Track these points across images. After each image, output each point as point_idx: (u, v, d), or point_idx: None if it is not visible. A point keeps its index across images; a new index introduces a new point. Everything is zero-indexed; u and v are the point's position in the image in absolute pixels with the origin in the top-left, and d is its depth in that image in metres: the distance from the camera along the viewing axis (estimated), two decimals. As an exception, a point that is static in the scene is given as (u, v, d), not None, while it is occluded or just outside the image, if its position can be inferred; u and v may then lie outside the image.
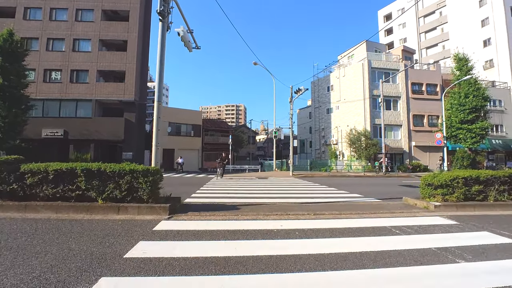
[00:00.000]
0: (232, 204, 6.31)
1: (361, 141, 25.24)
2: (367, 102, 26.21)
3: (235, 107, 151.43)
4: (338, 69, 30.13)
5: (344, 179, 16.70)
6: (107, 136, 23.28)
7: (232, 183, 12.74)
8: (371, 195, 8.76)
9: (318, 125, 32.41)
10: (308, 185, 12.35)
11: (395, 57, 28.38)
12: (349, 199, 7.58)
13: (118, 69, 24.17)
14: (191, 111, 28.55)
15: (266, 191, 9.40)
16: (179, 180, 14.92)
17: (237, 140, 36.45)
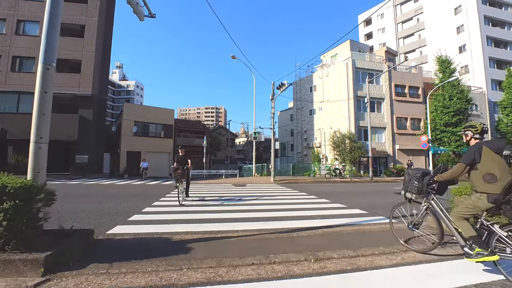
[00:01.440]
0: (181, 239, 3.94)
1: (346, 144, 23.89)
2: (351, 103, 25.02)
3: (215, 109, 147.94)
4: (321, 69, 28.85)
5: (331, 186, 14.89)
6: (57, 136, 19.55)
7: (202, 193, 10.30)
8: (375, 209, 6.83)
9: (300, 127, 30.83)
10: (293, 195, 10.26)
11: (379, 58, 27.68)
12: (354, 220, 5.53)
13: (72, 57, 20.71)
14: (161, 109, 25.53)
15: (242, 206, 7.12)
16: (136, 189, 12.15)
17: (215, 143, 33.85)
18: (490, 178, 2.62)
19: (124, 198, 8.57)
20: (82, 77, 20.43)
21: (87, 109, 20.60)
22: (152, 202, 7.62)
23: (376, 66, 26.57)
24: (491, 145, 2.75)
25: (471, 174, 2.82)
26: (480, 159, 2.70)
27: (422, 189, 3.32)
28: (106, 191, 11.01)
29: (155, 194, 9.79)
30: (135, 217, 5.51)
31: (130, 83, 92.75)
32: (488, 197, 2.61)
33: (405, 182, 3.56)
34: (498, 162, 2.65)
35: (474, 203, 2.73)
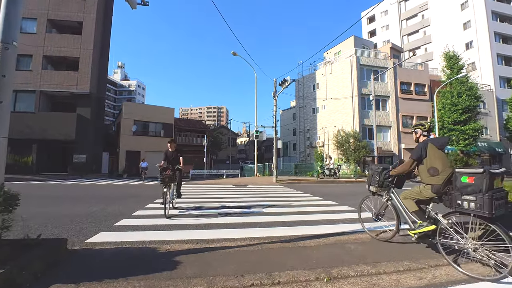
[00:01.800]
0: (170, 251, 3.39)
1: (350, 143, 23.24)
2: (355, 101, 24.36)
3: (217, 109, 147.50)
4: (324, 66, 28.19)
5: (336, 186, 14.29)
6: (55, 135, 19.29)
7: (199, 195, 9.76)
8: (387, 213, 6.23)
9: (303, 126, 30.21)
10: (297, 196, 9.69)
11: (383, 55, 26.98)
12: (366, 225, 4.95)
13: (70, 55, 20.28)
14: (161, 108, 25.03)
15: (241, 209, 6.57)
16: (133, 190, 11.65)
17: (216, 142, 33.35)
18: (433, 172, 2.94)
19: (117, 199, 8.06)
20: (80, 75, 19.99)
21: (85, 107, 20.16)
22: (145, 204, 7.11)
23: (381, 63, 25.87)
24: (436, 142, 3.08)
25: (419, 168, 3.15)
26: (426, 155, 3.02)
27: (383, 183, 3.61)
28: (101, 192, 10.52)
29: (151, 195, 9.27)
30: (123, 221, 4.97)
31: (132, 83, 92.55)
32: (432, 188, 2.96)
33: (368, 177, 3.84)
34: (441, 157, 2.97)
35: (421, 191, 3.10)
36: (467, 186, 2.64)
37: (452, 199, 2.76)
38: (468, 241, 2.68)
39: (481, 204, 2.50)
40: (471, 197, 2.59)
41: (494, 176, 2.55)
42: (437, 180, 2.90)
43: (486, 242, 2.56)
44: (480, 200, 2.50)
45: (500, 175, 2.62)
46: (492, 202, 2.44)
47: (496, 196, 2.49)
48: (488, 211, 2.44)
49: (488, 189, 2.49)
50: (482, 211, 2.48)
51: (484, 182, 2.51)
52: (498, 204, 2.48)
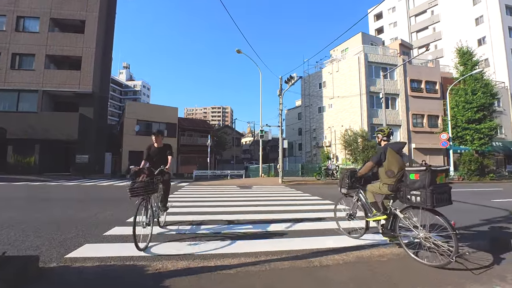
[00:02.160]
0: (161, 271, 2.86)
1: (358, 143, 22.48)
2: (364, 99, 23.58)
3: (221, 109, 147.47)
4: (331, 64, 27.47)
5: (345, 188, 13.64)
6: (57, 135, 19.07)
7: (201, 197, 9.27)
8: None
9: (309, 126, 29.52)
10: (304, 199, 9.10)
11: (392, 52, 26.10)
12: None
13: (73, 54, 20.05)
14: (164, 107, 24.68)
15: (245, 215, 6.03)
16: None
17: (220, 142, 32.92)
18: (390, 174, 3.26)
19: (115, 202, 7.60)
20: (83, 74, 19.75)
21: (88, 107, 19.92)
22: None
23: (390, 60, 25.02)
24: (394, 146, 3.39)
25: (379, 170, 3.47)
26: (385, 159, 3.32)
27: (352, 185, 3.87)
28: (100, 193, 10.11)
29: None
30: (115, 230, 4.47)
31: (137, 83, 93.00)
32: (388, 187, 3.28)
33: (340, 180, 4.10)
34: (397, 160, 3.28)
35: (380, 188, 3.42)
36: (414, 182, 2.95)
37: (403, 195, 3.10)
38: (420, 232, 2.99)
39: (424, 197, 2.80)
40: (417, 192, 2.90)
41: (437, 173, 2.86)
42: (392, 180, 3.25)
43: (434, 232, 2.93)
44: (424, 194, 2.81)
45: (443, 172, 2.95)
46: (433, 195, 2.74)
47: (438, 190, 2.78)
48: (430, 203, 2.75)
49: (430, 184, 2.78)
50: (426, 203, 2.79)
51: (426, 178, 2.80)
52: (440, 197, 2.78)
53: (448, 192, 2.91)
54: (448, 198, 2.90)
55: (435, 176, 2.83)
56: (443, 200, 2.81)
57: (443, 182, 2.90)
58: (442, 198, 2.80)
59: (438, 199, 2.76)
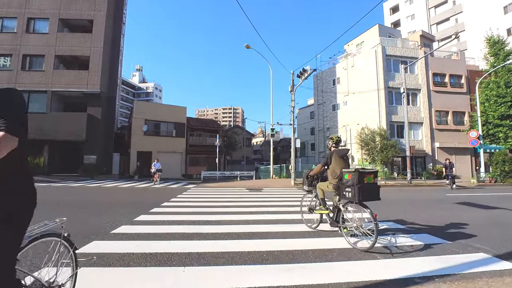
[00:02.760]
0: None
1: (376, 142, 21.00)
2: (382, 95, 22.05)
3: (232, 110, 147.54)
4: (345, 59, 26.06)
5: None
6: (66, 136, 18.89)
7: (206, 201, 8.41)
8: (458, 232, 4.48)
9: (322, 124, 28.20)
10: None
11: (413, 44, 24.37)
12: (442, 262, 3.25)
13: (81, 54, 19.88)
14: (173, 107, 24.18)
15: (254, 225, 5.07)
16: (135, 194, 10.55)
17: (230, 142, 32.18)
18: (334, 174, 3.99)
19: (110, 207, 6.85)
20: (90, 73, 19.52)
21: (96, 107, 19.66)
22: (139, 214, 5.80)
23: (410, 53, 23.32)
24: (338, 152, 4.08)
25: (327, 171, 4.19)
26: (331, 162, 4.07)
27: (311, 183, 4.69)
28: (100, 195, 9.47)
29: (152, 201, 8.01)
30: (91, 246, 3.63)
31: (149, 85, 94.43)
32: (332, 186, 4.02)
33: (303, 179, 4.97)
34: (340, 164, 3.98)
35: (328, 186, 4.18)
36: (347, 181, 3.64)
37: (341, 192, 3.79)
38: (354, 222, 3.69)
39: (353, 193, 3.49)
40: (349, 189, 3.59)
41: (364, 174, 3.54)
42: (335, 180, 3.91)
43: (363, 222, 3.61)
44: (353, 191, 3.50)
45: (371, 173, 3.63)
46: (359, 192, 3.42)
47: (365, 188, 3.47)
48: (357, 198, 3.44)
49: (358, 183, 3.46)
50: (355, 198, 3.48)
51: (355, 178, 3.49)
52: (367, 193, 3.48)
53: (375, 190, 3.57)
54: (376, 194, 3.57)
55: (362, 177, 3.48)
56: (370, 196, 3.50)
57: (371, 181, 3.55)
58: (369, 194, 3.48)
59: (365, 195, 3.42)
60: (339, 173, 3.83)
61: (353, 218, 3.71)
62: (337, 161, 3.97)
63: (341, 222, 3.83)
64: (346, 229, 3.78)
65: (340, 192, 3.79)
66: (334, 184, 3.94)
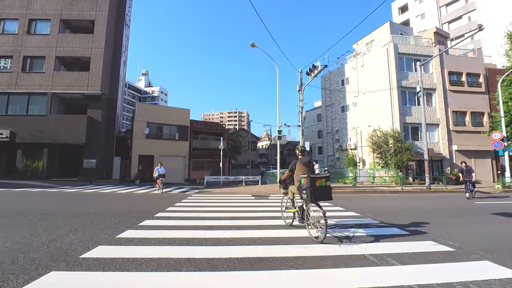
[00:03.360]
0: None
1: (389, 145, 19.77)
2: (395, 95, 20.87)
3: (238, 113, 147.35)
4: (354, 58, 25.00)
5: (381, 198, 11.30)
6: (65, 139, 18.30)
7: (206, 211, 7.46)
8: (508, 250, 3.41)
9: (330, 127, 27.06)
10: (337, 215, 7.01)
11: (426, 41, 23.17)
12: None
13: (81, 55, 19.38)
14: (176, 109, 23.45)
15: (262, 247, 4.09)
16: (130, 201, 9.66)
17: (235, 146, 31.28)
18: (297, 179, 4.61)
19: (95, 218, 5.94)
20: (91, 75, 18.97)
21: (96, 109, 19.05)
22: (124, 229, 4.89)
23: (424, 51, 22.12)
24: (301, 160, 4.81)
25: (293, 176, 4.89)
26: (295, 168, 4.81)
27: (285, 186, 5.37)
28: (91, 203, 8.60)
29: (145, 211, 7.10)
30: (51, 277, 2.70)
31: (155, 89, 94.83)
32: (296, 188, 4.69)
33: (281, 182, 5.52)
34: (302, 170, 4.66)
35: (294, 188, 4.82)
36: (303, 185, 4.34)
37: (301, 193, 4.49)
38: (312, 219, 4.35)
39: (307, 194, 4.19)
40: (305, 191, 4.29)
41: (316, 179, 4.22)
42: (298, 184, 4.57)
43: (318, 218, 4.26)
44: (307, 192, 4.20)
45: (322, 178, 4.26)
46: (311, 194, 4.14)
47: (315, 190, 4.17)
48: (310, 199, 4.17)
49: (310, 186, 4.15)
50: (309, 199, 4.20)
51: (308, 182, 4.20)
52: (318, 195, 4.21)
53: (327, 191, 4.31)
54: (327, 195, 4.33)
55: (314, 181, 4.22)
56: (322, 196, 4.30)
57: (323, 185, 4.25)
58: (321, 195, 4.27)
59: (316, 196, 4.21)
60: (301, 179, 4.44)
61: (313, 216, 4.34)
62: (300, 167, 4.72)
63: (306, 218, 4.49)
64: (309, 224, 4.40)
65: (300, 194, 4.47)
66: (297, 187, 4.62)
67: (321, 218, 4.11)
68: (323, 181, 4.21)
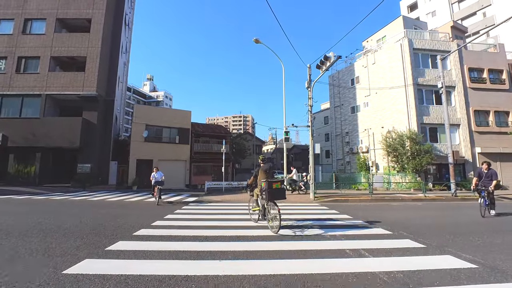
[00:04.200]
0: None
1: (406, 147, 18.16)
2: (411, 93, 19.32)
3: (242, 118, 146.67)
4: (364, 56, 23.59)
5: (404, 208, 9.79)
6: (58, 142, 17.29)
7: (202, 226, 6.11)
8: None
9: (340, 129, 25.54)
10: (362, 232, 5.56)
11: (443, 36, 21.63)
12: None
13: (77, 54, 18.50)
14: (177, 111, 22.35)
15: (270, 282, 2.75)
16: (116, 212, 8.38)
17: (239, 149, 29.98)
18: (260, 183, 5.62)
19: (54, 241, 4.62)
20: (87, 75, 18.03)
21: (92, 111, 18.05)
22: (85, 256, 3.57)
23: (441, 46, 20.57)
24: (263, 167, 5.86)
25: (257, 180, 5.88)
26: (258, 174, 5.86)
27: (252, 189, 6.41)
28: (65, 216, 7.32)
29: (125, 226, 5.78)
30: None
31: (160, 93, 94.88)
32: (259, 190, 5.68)
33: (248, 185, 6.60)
34: (264, 175, 5.68)
35: (258, 191, 5.80)
36: (263, 188, 5.35)
37: (261, 195, 5.52)
38: (271, 214, 5.38)
39: (266, 195, 5.27)
40: (264, 193, 5.33)
41: (272, 183, 5.31)
42: (260, 188, 5.58)
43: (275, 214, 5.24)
44: (266, 194, 5.26)
45: (278, 182, 5.41)
46: (269, 194, 5.25)
47: (272, 192, 5.26)
48: (268, 199, 5.27)
49: (268, 188, 5.23)
50: (266, 199, 5.29)
51: (266, 185, 5.25)
52: (274, 195, 5.30)
53: (282, 192, 5.40)
54: (282, 195, 5.40)
55: (271, 184, 5.28)
56: (277, 196, 5.34)
57: (279, 187, 5.33)
58: (276, 195, 5.33)
59: (272, 196, 5.29)
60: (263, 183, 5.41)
61: (272, 213, 5.38)
62: (262, 173, 5.77)
63: (266, 215, 5.56)
64: (269, 220, 5.44)
65: (261, 195, 5.58)
66: (260, 189, 5.62)
67: (277, 214, 5.12)
68: (279, 184, 5.34)
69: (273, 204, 5.28)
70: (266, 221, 5.57)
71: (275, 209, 5.17)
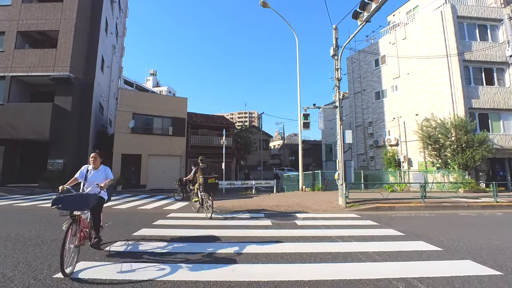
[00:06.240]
0: None
1: (451, 137, 14.49)
2: (455, 72, 15.56)
3: (248, 114, 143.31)
4: (392, 31, 19.82)
5: (500, 222, 6.32)
6: (25, 133, 14.30)
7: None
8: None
9: (361, 119, 21.89)
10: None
11: (493, 1, 17.67)
12: None
13: (48, 28, 15.38)
14: (170, 98, 19.28)
15: None
16: (59, 227, 5.20)
17: (244, 144, 26.68)
18: (198, 179, 7.39)
19: None
20: (59, 52, 14.93)
21: (65, 96, 14.98)
22: None
23: (491, 13, 16.67)
24: (201, 166, 7.62)
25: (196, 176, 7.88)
26: (197, 172, 7.70)
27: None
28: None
29: (38, 267, 2.53)
30: None
31: (163, 89, 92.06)
32: (198, 185, 7.39)
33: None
34: (201, 172, 7.42)
35: (197, 185, 7.50)
36: (201, 183, 7.02)
37: (199, 188, 7.26)
38: (206, 203, 6.94)
39: (202, 188, 6.93)
40: (201, 186, 7.04)
41: (208, 179, 6.74)
42: (200, 182, 7.16)
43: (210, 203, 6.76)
44: (202, 187, 6.93)
45: (212, 178, 6.86)
46: (204, 187, 6.82)
47: (207, 186, 6.75)
48: (203, 191, 6.94)
49: (204, 183, 6.78)
50: (202, 191, 6.98)
51: (202, 180, 6.81)
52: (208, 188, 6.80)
53: (215, 186, 6.93)
54: (215, 189, 6.95)
55: (207, 180, 6.74)
56: (211, 189, 6.81)
57: (213, 182, 6.81)
58: (210, 188, 6.80)
59: (207, 189, 6.78)
60: (201, 178, 6.95)
61: (207, 201, 6.87)
62: (200, 171, 7.51)
63: (203, 204, 7.16)
64: (205, 208, 6.96)
65: (199, 188, 7.21)
66: (199, 183, 7.20)
67: (210, 206, 6.64)
68: (213, 179, 6.83)
69: (208, 196, 6.80)
70: (203, 209, 7.14)
71: (210, 200, 6.69)
